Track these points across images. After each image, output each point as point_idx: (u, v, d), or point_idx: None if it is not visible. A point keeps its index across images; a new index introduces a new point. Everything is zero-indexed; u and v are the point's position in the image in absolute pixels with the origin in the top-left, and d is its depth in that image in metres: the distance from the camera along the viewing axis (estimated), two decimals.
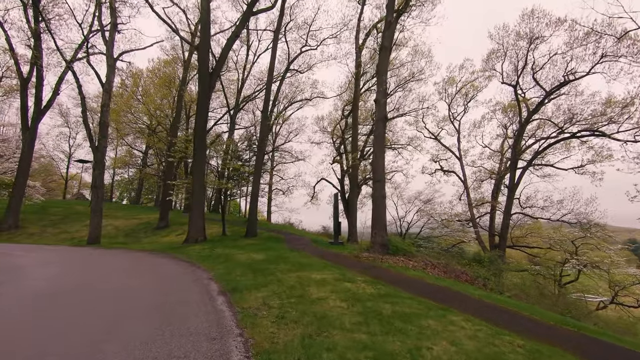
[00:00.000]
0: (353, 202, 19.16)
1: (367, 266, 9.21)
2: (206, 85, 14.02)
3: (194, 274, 8.21)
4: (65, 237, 20.17)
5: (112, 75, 17.84)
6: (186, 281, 7.38)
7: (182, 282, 7.32)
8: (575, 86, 22.16)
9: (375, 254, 10.90)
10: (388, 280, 7.63)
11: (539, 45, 21.80)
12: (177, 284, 7.09)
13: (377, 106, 13.24)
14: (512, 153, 22.89)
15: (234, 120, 26.37)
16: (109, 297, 5.92)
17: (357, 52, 19.32)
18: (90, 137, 17.55)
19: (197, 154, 14.49)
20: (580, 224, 20.26)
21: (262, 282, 7.12)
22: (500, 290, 10.47)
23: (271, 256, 10.17)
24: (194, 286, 6.90)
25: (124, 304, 5.48)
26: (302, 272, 7.91)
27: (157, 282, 7.29)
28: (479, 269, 12.46)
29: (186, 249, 13.16)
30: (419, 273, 9.47)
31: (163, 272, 8.58)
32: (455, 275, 11.55)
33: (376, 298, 6.02)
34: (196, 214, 14.63)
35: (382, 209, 12.70)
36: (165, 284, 7.18)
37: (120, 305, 5.44)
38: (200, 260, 10.35)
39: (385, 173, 13.21)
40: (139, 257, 11.34)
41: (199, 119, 14.41)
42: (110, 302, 5.63)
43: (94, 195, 17.18)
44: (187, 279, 7.66)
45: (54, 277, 7.66)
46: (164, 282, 7.38)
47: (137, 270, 8.83)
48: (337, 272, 8.04)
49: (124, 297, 5.95)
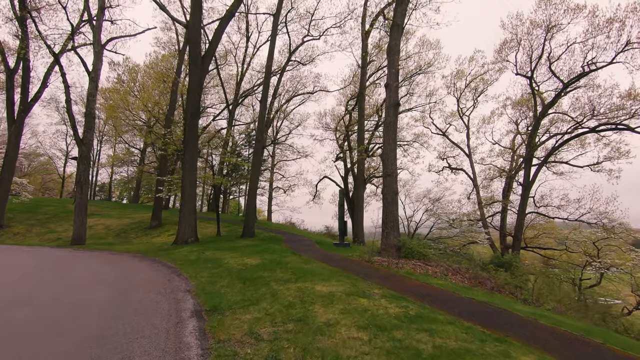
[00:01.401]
0: (359, 199, 17.46)
1: (383, 274, 7.50)
2: (198, 69, 12.38)
3: (170, 284, 6.53)
4: (51, 237, 18.55)
5: (99, 63, 16.23)
6: (157, 294, 5.71)
7: (151, 295, 5.65)
8: (592, 78, 20.47)
9: (388, 258, 9.19)
10: (412, 293, 5.93)
11: (555, 34, 20.08)
12: (143, 299, 5.41)
13: (387, 91, 11.55)
14: (527, 149, 21.13)
15: (233, 115, 24.72)
16: (42, 321, 4.26)
17: (364, 38, 17.63)
18: (75, 129, 15.93)
19: (188, 145, 12.84)
20: (603, 224, 18.45)
21: (252, 296, 5.44)
22: (533, 299, 8.77)
23: (267, 261, 8.47)
24: (163, 302, 5.22)
25: (53, 333, 3.80)
26: (303, 283, 6.21)
27: (120, 296, 5.62)
28: (503, 274, 10.74)
29: (173, 251, 11.48)
30: (443, 282, 7.76)
31: (134, 281, 6.90)
32: (479, 282, 9.85)
33: (405, 323, 4.32)
34: (186, 213, 12.96)
35: (393, 207, 11.02)
36: (129, 298, 5.50)
37: (47, 334, 3.76)
38: (184, 265, 8.68)
39: (397, 166, 11.50)
40: (115, 262, 9.67)
41: (190, 106, 12.75)
42: (40, 329, 3.96)
43: (78, 192, 15.55)
44: (159, 290, 5.98)
45: (5, 285, 6.07)
46: (128, 295, 5.70)
47: (104, 279, 7.16)
48: (348, 282, 6.34)
49: (62, 321, 4.28)
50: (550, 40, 20.03)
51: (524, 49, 21.23)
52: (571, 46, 19.64)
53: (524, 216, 20.98)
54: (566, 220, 20.90)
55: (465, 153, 25.24)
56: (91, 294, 5.76)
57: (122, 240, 17.56)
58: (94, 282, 6.78)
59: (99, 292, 5.92)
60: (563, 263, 19.50)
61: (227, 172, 19.47)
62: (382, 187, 11.44)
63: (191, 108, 12.72)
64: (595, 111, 19.03)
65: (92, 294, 5.76)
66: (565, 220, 20.94)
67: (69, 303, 5.17)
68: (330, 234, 23.88)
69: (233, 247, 11.49)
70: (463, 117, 25.13)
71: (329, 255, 10.06)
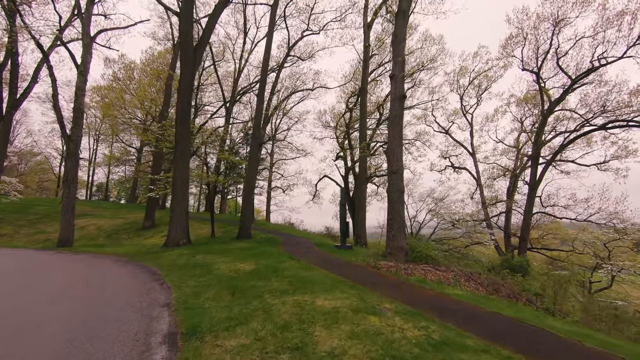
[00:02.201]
0: (361, 198, 16.53)
1: (392, 282, 6.57)
2: (190, 60, 11.44)
3: (149, 296, 5.58)
4: (40, 238, 17.57)
5: (87, 55, 15.28)
6: (129, 310, 4.77)
7: (121, 312, 4.70)
8: (601, 74, 19.60)
9: (396, 263, 8.26)
10: (429, 306, 5.00)
11: (563, 28, 19.20)
12: (111, 317, 4.47)
13: (392, 83, 10.64)
14: (534, 147, 20.22)
15: (230, 112, 23.77)
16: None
17: (366, 30, 16.70)
18: (62, 125, 14.95)
19: (179, 141, 11.88)
20: (614, 225, 17.54)
21: (240, 313, 4.50)
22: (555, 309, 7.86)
23: (262, 267, 7.53)
24: (133, 322, 4.28)
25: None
26: (302, 295, 5.27)
27: (83, 313, 4.67)
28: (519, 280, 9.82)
29: (162, 254, 10.53)
30: (460, 291, 6.83)
31: (107, 292, 5.96)
32: (494, 289, 8.94)
33: (430, 353, 3.39)
34: (178, 213, 12.00)
35: (400, 206, 10.09)
36: (93, 316, 4.55)
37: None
38: (171, 271, 7.73)
39: (403, 163, 10.57)
40: (95, 267, 8.72)
41: (182, 100, 11.81)
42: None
43: (65, 191, 14.58)
44: (133, 304, 5.04)
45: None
46: (94, 311, 4.75)
47: (73, 290, 6.21)
48: (353, 294, 5.41)
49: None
50: (558, 34, 19.18)
51: (529, 44, 20.38)
52: (579, 41, 18.79)
53: (531, 216, 20.08)
54: (574, 220, 20.01)
55: (469, 151, 24.35)
56: (51, 309, 4.81)
57: (113, 242, 16.59)
58: (60, 293, 5.83)
59: (61, 306, 4.98)
60: (572, 265, 18.60)
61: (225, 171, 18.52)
62: (387, 185, 10.52)
63: (183, 101, 11.76)
64: (606, 108, 18.14)
65: (52, 309, 4.81)
66: (574, 220, 20.05)
67: (15, 323, 4.22)
68: (330, 235, 22.94)
69: (227, 249, 10.54)
70: (466, 114, 24.25)
71: (330, 259, 9.12)
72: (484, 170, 25.19)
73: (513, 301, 7.77)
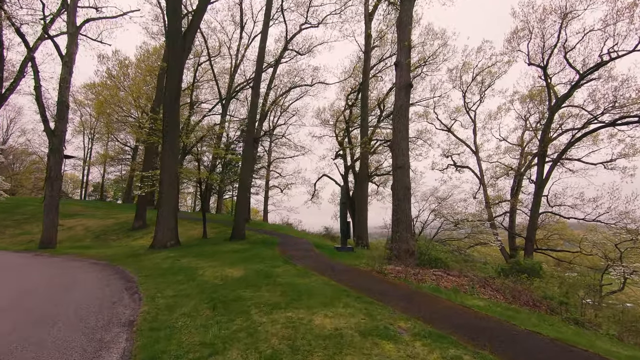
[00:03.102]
0: (362, 197, 15.54)
1: (403, 292, 5.57)
2: (178, 45, 10.43)
3: (111, 311, 4.56)
4: (24, 239, 16.48)
5: (73, 46, 14.27)
6: (79, 331, 3.75)
7: (68, 334, 3.68)
8: (609, 69, 18.73)
9: (405, 268, 7.26)
10: (454, 326, 3.99)
11: (570, 21, 18.31)
12: (50, 342, 3.45)
13: (397, 71, 9.67)
14: (540, 145, 19.30)
15: (226, 109, 22.76)
16: None
17: (367, 21, 15.73)
18: (45, 119, 13.90)
19: (167, 132, 10.85)
20: (625, 225, 16.60)
21: (217, 337, 3.49)
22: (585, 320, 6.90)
23: (253, 272, 6.52)
24: (74, 349, 3.26)
25: None
26: (297, 311, 4.26)
27: (16, 333, 3.65)
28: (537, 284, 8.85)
29: (146, 257, 9.50)
30: (480, 301, 5.85)
31: (64, 305, 4.92)
32: (512, 296, 7.94)
33: None
34: (165, 212, 10.97)
35: (406, 204, 9.10)
36: (27, 337, 3.53)
37: None
38: (150, 277, 6.71)
39: (409, 158, 9.60)
40: (67, 273, 7.67)
41: (169, 87, 10.76)
42: None
43: (48, 189, 13.55)
44: (87, 322, 4.02)
45: None
46: (33, 332, 3.73)
47: (26, 301, 5.18)
48: (359, 308, 4.40)
49: None
50: (566, 28, 18.28)
51: (535, 38, 19.48)
52: (587, 34, 17.89)
53: (537, 216, 19.14)
54: (583, 220, 19.06)
55: (472, 150, 23.42)
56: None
57: (101, 243, 15.52)
58: (9, 305, 4.80)
59: (2, 325, 3.95)
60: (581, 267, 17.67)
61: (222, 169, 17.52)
62: (392, 182, 9.53)
63: (170, 90, 10.73)
64: (616, 103, 17.23)
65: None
66: (582, 220, 19.10)
67: None
68: (329, 236, 21.93)
69: (217, 252, 9.52)
70: (469, 111, 23.32)
71: (330, 263, 8.11)
72: (487, 169, 24.31)
73: (535, 311, 6.78)
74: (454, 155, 24.48)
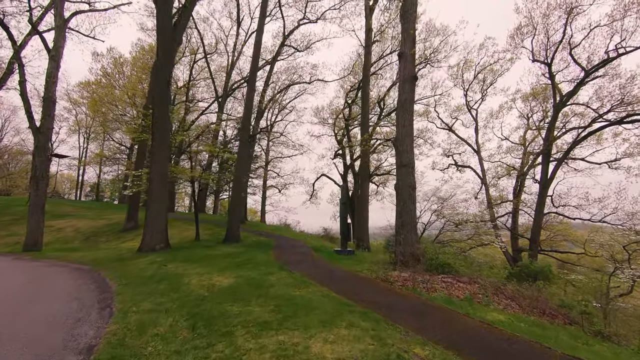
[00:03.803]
0: (362, 198, 14.84)
1: (413, 305, 4.85)
2: (168, 33, 9.70)
3: (73, 330, 3.82)
4: (10, 241, 15.72)
5: (60, 39, 13.50)
6: (25, 357, 3.02)
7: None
8: (615, 66, 18.13)
9: (412, 274, 6.56)
10: (478, 351, 3.29)
11: (576, 17, 17.69)
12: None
13: (401, 62, 8.97)
14: (544, 143, 18.66)
15: (222, 107, 22.01)
16: None
17: (367, 14, 15.06)
18: (30, 115, 13.14)
19: (157, 127, 10.11)
20: (634, 226, 15.96)
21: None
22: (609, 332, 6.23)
23: (243, 281, 5.79)
24: None
25: None
26: (291, 332, 3.54)
27: None
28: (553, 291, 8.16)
29: (132, 261, 8.74)
30: (500, 314, 5.14)
31: (19, 321, 4.18)
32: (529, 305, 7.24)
33: None
34: (154, 213, 10.22)
35: (411, 204, 8.40)
36: None
37: None
38: (129, 286, 5.97)
39: (414, 155, 8.91)
40: (42, 279, 6.91)
41: (159, 79, 10.03)
42: None
43: (33, 189, 12.77)
44: (36, 347, 3.29)
45: None
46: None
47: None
48: (366, 328, 3.68)
49: None
50: (571, 23, 17.66)
51: (539, 35, 18.85)
52: (593, 30, 17.28)
53: (542, 217, 18.48)
54: (588, 221, 18.42)
55: (473, 149, 22.73)
56: None
57: (89, 245, 14.74)
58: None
59: None
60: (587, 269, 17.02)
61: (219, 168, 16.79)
62: (396, 181, 8.83)
63: (160, 81, 9.99)
64: (624, 101, 16.61)
65: None
66: (588, 221, 18.45)
67: None
68: (328, 237, 21.22)
69: (207, 256, 8.78)
70: (471, 110, 22.64)
71: (330, 269, 7.39)
72: (489, 168, 23.65)
73: (559, 324, 6.09)
74: (455, 155, 23.83)
